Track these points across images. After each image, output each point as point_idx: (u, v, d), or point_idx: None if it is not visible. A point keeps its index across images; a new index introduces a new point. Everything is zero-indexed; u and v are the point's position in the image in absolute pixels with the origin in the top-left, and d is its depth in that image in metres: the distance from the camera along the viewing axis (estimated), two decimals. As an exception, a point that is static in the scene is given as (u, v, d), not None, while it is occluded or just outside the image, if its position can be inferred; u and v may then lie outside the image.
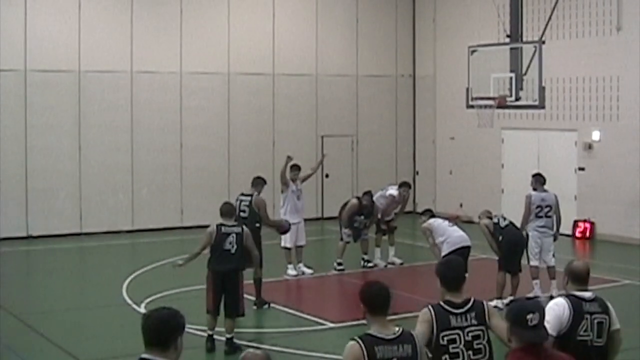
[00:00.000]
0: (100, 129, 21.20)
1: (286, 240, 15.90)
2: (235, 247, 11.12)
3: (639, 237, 19.35)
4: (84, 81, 21.02)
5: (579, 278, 6.44)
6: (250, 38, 22.94)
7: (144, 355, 4.66)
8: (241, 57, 22.78)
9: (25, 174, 20.44)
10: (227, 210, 11.51)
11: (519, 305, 5.30)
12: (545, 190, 14.27)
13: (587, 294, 6.41)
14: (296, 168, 16.23)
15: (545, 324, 6.13)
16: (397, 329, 5.50)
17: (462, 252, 13.19)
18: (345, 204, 16.79)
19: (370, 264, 16.79)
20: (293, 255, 16.01)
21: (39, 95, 20.56)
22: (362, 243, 16.79)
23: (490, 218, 13.85)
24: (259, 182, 14.35)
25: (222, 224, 11.29)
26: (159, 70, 21.83)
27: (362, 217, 16.51)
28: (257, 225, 13.64)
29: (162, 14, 21.94)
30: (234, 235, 11.15)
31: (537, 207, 14.07)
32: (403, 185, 17.36)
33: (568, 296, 6.36)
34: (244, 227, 11.49)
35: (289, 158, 16.07)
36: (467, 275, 13.34)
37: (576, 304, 6.28)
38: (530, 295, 13.72)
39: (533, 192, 14.25)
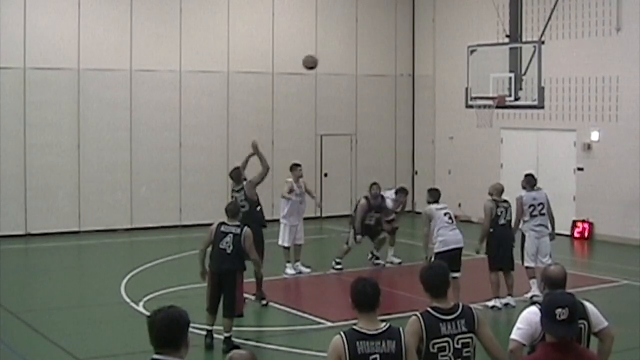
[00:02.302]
0: (99, 127, 21.20)
1: (284, 240, 15.89)
2: (231, 247, 11.06)
3: (638, 238, 19.35)
4: (83, 79, 21.00)
5: (556, 283, 6.20)
6: (249, 37, 22.93)
7: (156, 356, 4.57)
8: (241, 55, 22.77)
9: (24, 171, 20.43)
10: (231, 209, 11.47)
11: (550, 299, 5.22)
12: (535, 190, 14.29)
13: None
14: (298, 166, 16.13)
15: (517, 330, 6.09)
16: (382, 324, 5.50)
17: (455, 253, 13.13)
18: (356, 208, 16.75)
19: (378, 262, 16.76)
20: (291, 254, 16.01)
21: (38, 93, 20.54)
22: (379, 241, 16.75)
23: (497, 204, 13.67)
24: (238, 173, 14.42)
25: (223, 223, 11.28)
26: (158, 68, 21.82)
27: (373, 211, 16.49)
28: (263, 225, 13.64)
29: (161, 12, 21.93)
30: (232, 235, 11.10)
31: (530, 206, 14.07)
32: (400, 192, 17.34)
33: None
34: (246, 228, 11.35)
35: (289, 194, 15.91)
36: (459, 275, 13.33)
37: None
38: (529, 294, 13.73)
39: (524, 193, 14.24)
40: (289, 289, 15.48)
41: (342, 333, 5.46)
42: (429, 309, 5.92)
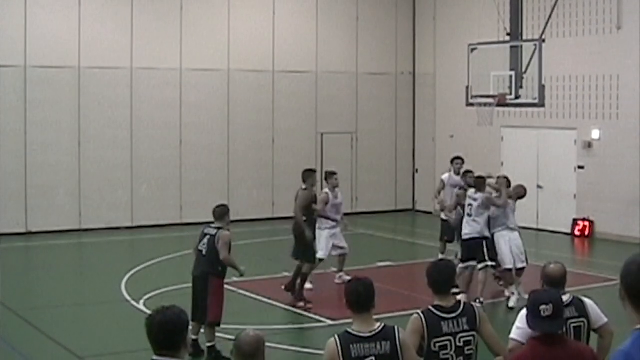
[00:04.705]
0: (100, 125, 21.20)
1: (323, 251, 14.52)
2: (206, 249, 10.75)
3: (638, 236, 19.34)
4: (84, 77, 21.00)
5: (555, 282, 6.17)
6: (250, 35, 22.92)
7: (156, 358, 4.54)
8: (241, 54, 22.77)
9: (24, 170, 20.43)
10: (216, 211, 11.05)
11: (535, 297, 5.29)
12: None
13: (563, 299, 5.98)
14: (334, 174, 14.91)
15: (516, 330, 6.09)
16: (377, 325, 5.46)
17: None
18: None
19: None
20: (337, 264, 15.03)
21: (39, 91, 20.54)
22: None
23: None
24: (310, 174, 13.75)
25: (209, 224, 11.06)
26: (159, 66, 21.82)
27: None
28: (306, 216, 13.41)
29: (162, 10, 21.92)
30: (208, 237, 10.81)
31: None
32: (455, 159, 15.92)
33: None
34: (222, 230, 10.83)
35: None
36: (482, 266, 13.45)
37: None
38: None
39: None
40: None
41: (336, 337, 5.42)
42: (430, 307, 5.92)
